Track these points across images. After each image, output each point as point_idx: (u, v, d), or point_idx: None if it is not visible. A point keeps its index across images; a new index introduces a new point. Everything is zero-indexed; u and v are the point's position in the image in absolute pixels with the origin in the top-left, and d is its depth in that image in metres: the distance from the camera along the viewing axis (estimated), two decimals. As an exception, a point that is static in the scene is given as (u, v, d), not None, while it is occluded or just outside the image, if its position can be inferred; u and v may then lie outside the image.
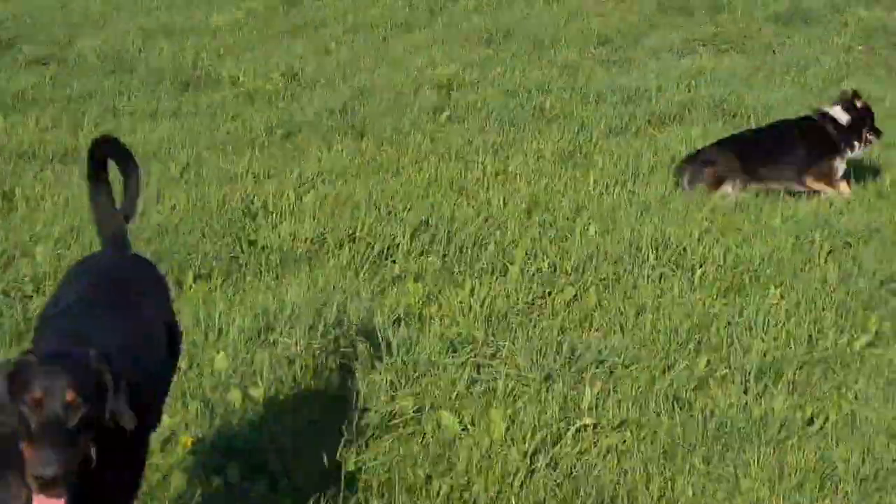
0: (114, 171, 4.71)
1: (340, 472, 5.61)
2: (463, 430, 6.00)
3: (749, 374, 6.77)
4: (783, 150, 10.48)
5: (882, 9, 17.60)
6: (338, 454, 5.79)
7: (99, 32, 16.65)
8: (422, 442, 6.02)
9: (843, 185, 10.40)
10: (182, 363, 5.94)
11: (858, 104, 10.61)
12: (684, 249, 8.54)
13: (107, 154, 4.68)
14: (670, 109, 12.77)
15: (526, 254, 8.26)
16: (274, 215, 9.05)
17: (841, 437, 6.22)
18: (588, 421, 6.18)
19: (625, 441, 6.04)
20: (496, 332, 7.14)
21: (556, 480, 5.65)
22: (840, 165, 10.49)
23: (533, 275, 8.02)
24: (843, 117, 10.52)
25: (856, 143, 10.53)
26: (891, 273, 8.33)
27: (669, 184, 10.40)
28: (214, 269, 7.95)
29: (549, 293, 7.82)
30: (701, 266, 8.31)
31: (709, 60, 15.27)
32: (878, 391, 6.75)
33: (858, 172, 10.77)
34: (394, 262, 8.26)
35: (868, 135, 10.57)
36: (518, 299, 7.67)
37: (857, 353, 7.23)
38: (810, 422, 6.36)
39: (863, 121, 10.55)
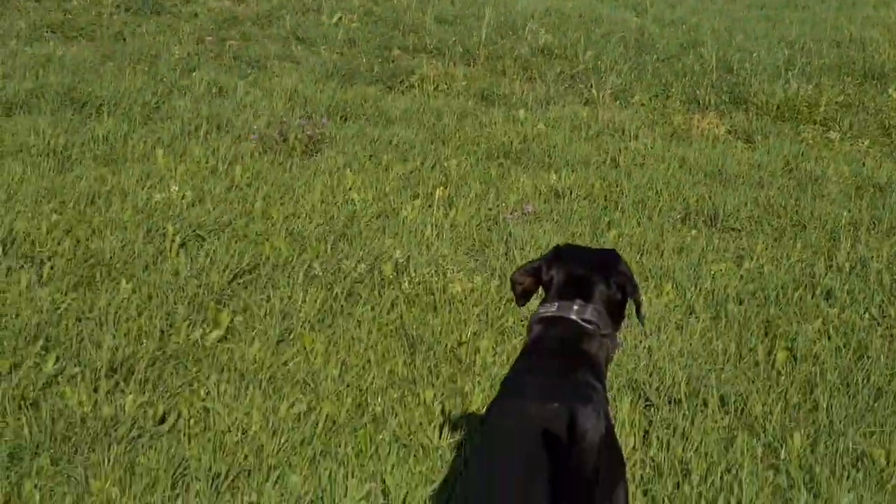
0: None
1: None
2: None
3: (100, 371, 6.23)
4: None
5: (232, 1, 16.39)
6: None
7: None
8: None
9: None
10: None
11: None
12: (33, 242, 7.82)
13: None
14: (18, 98, 11.44)
15: None
16: None
17: (193, 435, 5.76)
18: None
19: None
20: None
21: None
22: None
23: None
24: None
25: None
26: (242, 267, 7.70)
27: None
28: None
29: None
30: (50, 259, 7.60)
31: (57, 48, 13.76)
32: (229, 386, 6.20)
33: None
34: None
35: None
36: None
37: (210, 347, 6.66)
38: (162, 420, 5.90)
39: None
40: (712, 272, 8.13)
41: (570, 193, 9.62)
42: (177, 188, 8.95)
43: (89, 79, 12.25)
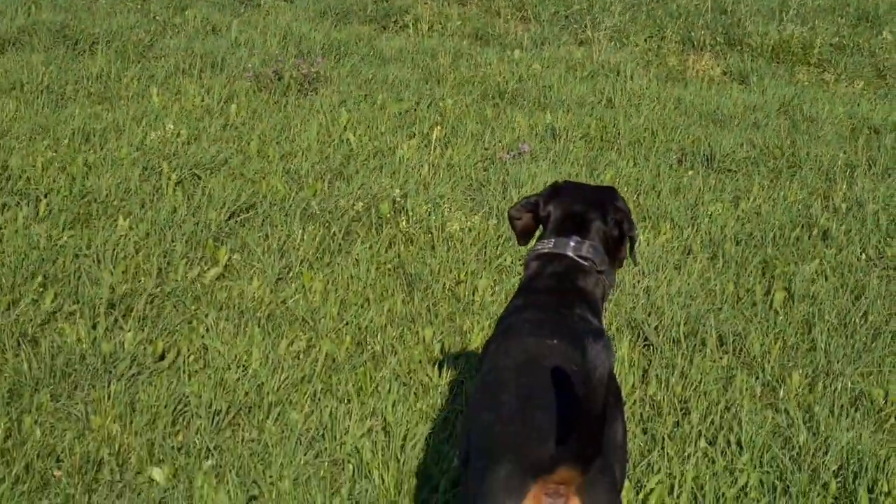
0: None
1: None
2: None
3: (98, 308, 6.27)
4: None
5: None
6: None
7: None
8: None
9: None
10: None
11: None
12: (28, 179, 7.85)
13: None
14: (10, 35, 11.43)
15: None
16: None
17: (193, 372, 5.82)
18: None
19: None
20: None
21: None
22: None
23: None
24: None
25: None
26: (239, 205, 7.74)
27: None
28: None
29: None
30: (46, 196, 7.63)
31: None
32: (228, 324, 6.27)
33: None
34: None
35: None
36: None
37: (208, 285, 6.73)
38: (161, 357, 5.94)
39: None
40: (709, 212, 8.15)
41: (567, 133, 9.61)
42: (172, 126, 8.93)
43: (82, 16, 12.21)
